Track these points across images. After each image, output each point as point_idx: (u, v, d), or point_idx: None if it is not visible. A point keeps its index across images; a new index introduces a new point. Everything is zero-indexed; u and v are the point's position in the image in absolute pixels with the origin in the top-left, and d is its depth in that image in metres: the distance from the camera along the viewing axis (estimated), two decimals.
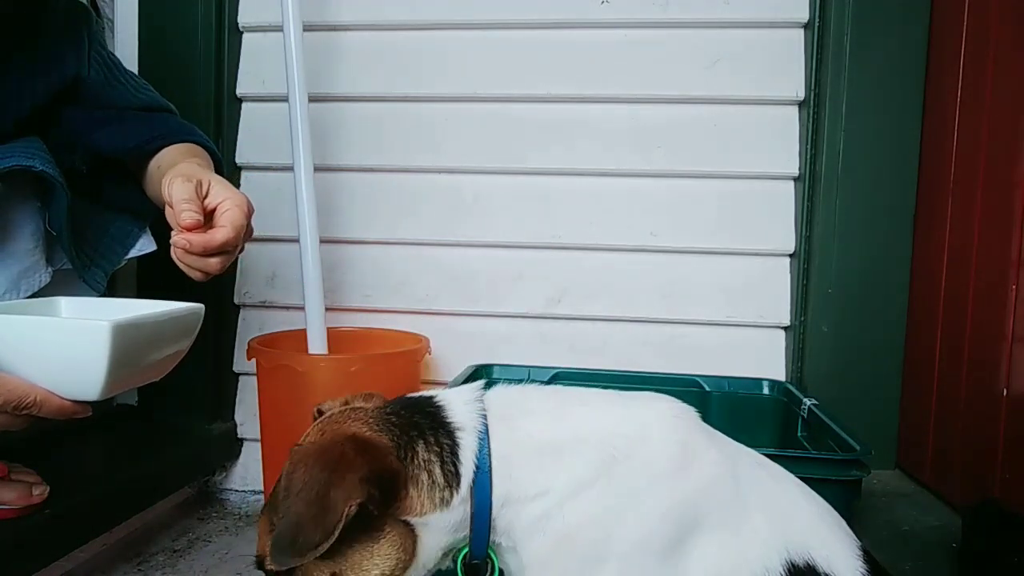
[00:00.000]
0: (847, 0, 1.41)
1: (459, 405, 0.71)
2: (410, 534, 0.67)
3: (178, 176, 0.95)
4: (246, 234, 0.98)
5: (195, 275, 0.96)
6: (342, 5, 1.56)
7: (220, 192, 0.95)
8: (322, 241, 1.32)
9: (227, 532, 1.40)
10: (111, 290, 1.21)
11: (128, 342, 0.82)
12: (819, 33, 1.44)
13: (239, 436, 1.60)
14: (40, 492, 1.03)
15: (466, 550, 0.71)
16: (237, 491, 1.59)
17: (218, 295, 1.56)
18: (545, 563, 0.67)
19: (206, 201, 0.95)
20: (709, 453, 0.68)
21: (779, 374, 1.47)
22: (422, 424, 0.70)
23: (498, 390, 0.74)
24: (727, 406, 1.31)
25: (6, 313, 0.84)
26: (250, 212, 0.97)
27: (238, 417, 1.60)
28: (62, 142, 1.07)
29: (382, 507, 0.65)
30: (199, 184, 0.95)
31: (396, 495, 0.66)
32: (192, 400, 1.55)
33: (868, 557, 0.68)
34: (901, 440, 1.46)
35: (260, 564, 0.68)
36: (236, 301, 1.59)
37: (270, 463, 1.27)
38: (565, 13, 1.51)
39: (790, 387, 1.31)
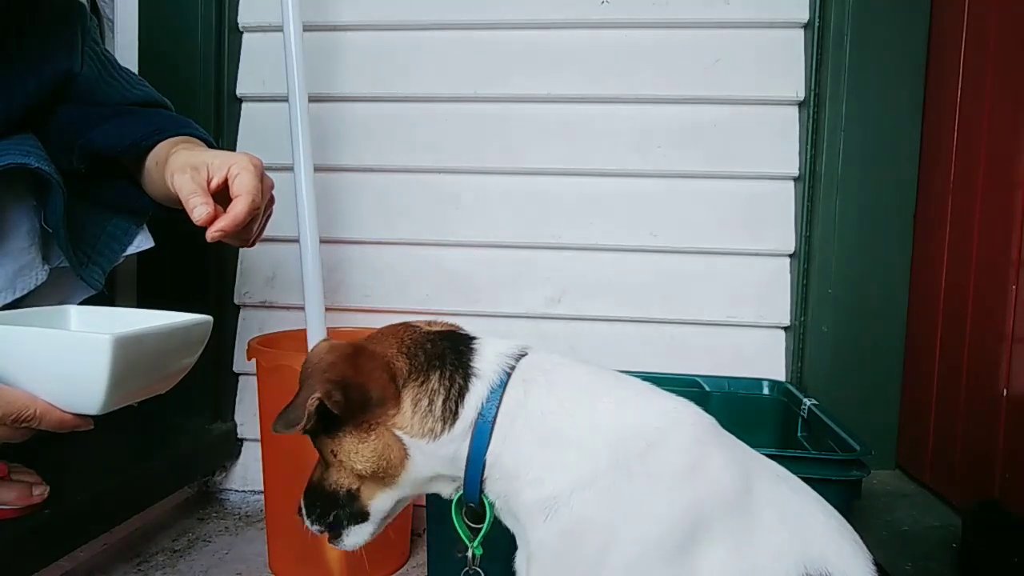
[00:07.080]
0: (847, 0, 1.41)
1: (490, 356, 0.74)
2: (399, 448, 0.73)
3: (178, 170, 0.96)
4: (267, 187, 1.00)
5: (238, 244, 1.00)
6: (342, 5, 1.56)
7: (223, 165, 0.96)
8: (322, 241, 1.32)
9: (227, 532, 1.40)
10: (111, 290, 1.21)
11: (130, 356, 0.80)
12: (819, 33, 1.44)
13: (239, 436, 1.60)
14: (40, 492, 1.03)
15: (460, 494, 0.76)
16: (237, 491, 1.59)
17: (218, 295, 1.56)
18: (554, 554, 0.68)
19: (213, 182, 0.95)
20: (721, 461, 0.68)
21: (779, 374, 1.47)
22: (448, 359, 0.74)
23: (537, 356, 0.76)
24: (727, 406, 1.31)
25: (9, 324, 0.83)
26: (260, 167, 0.98)
27: (238, 417, 1.60)
28: (60, 142, 1.07)
29: (351, 412, 0.71)
30: (199, 170, 0.96)
31: (376, 407, 0.72)
32: (192, 400, 1.55)
33: (881, 571, 0.69)
34: (901, 440, 1.46)
35: None
36: (236, 301, 1.59)
37: (270, 463, 1.27)
38: (565, 13, 1.51)
39: (790, 387, 1.31)
